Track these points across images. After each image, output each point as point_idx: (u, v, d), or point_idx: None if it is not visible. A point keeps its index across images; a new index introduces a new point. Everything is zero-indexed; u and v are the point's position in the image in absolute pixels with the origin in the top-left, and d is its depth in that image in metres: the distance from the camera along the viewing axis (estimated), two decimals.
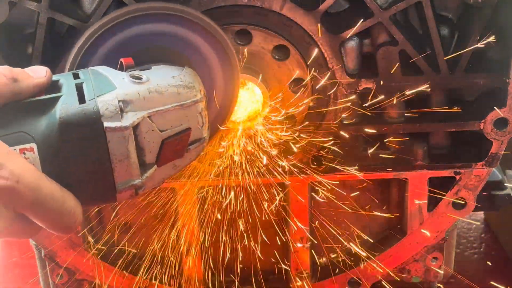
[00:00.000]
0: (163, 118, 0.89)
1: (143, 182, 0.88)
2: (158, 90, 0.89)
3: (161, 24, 1.04)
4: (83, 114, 0.83)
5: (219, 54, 1.07)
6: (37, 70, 0.87)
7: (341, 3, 1.21)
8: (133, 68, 0.95)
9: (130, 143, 0.85)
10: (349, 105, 1.23)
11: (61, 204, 0.81)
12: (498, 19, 1.16)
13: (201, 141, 0.95)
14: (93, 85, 0.86)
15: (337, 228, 1.38)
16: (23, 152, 0.81)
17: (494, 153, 1.25)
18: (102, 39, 1.03)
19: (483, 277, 1.66)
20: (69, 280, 1.36)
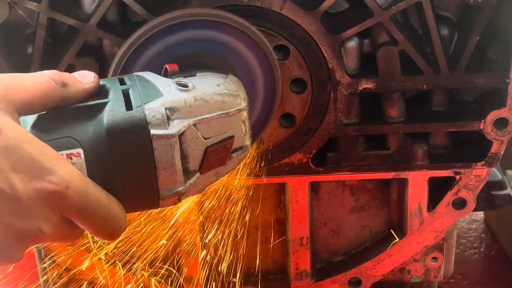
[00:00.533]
0: (208, 126, 0.90)
1: (186, 189, 0.88)
2: (204, 98, 0.90)
3: (207, 31, 1.05)
4: (130, 120, 0.84)
5: (262, 63, 1.08)
6: (85, 75, 0.88)
7: (341, 3, 1.21)
8: (178, 74, 0.95)
9: (175, 150, 0.86)
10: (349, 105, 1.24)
11: (107, 210, 0.82)
12: (498, 19, 1.16)
13: (243, 149, 0.96)
14: (139, 91, 0.87)
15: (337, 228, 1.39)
16: (70, 157, 0.82)
17: (494, 153, 1.25)
18: (146, 44, 1.04)
19: (483, 277, 1.67)
20: (69, 280, 1.36)
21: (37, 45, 1.15)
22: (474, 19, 1.17)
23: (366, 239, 1.40)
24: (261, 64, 1.09)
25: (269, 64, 1.09)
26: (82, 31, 1.15)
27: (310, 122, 1.24)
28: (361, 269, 1.38)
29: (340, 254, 1.40)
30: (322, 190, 1.36)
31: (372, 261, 1.37)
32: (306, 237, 1.35)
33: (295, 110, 1.23)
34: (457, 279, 1.63)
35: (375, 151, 1.29)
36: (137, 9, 1.14)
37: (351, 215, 1.38)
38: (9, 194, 0.75)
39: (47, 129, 0.82)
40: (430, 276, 1.40)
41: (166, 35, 1.04)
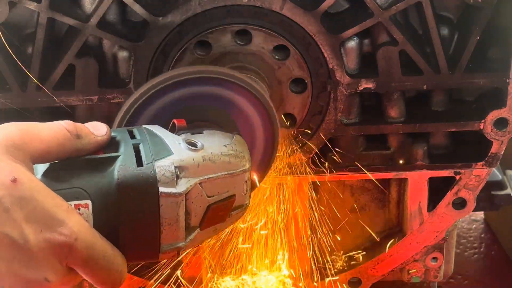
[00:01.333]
0: (212, 185, 0.91)
1: (186, 244, 0.90)
2: (212, 158, 0.92)
3: (212, 88, 1.06)
4: (141, 177, 0.85)
5: (263, 120, 1.10)
6: (98, 127, 0.89)
7: (341, 3, 1.21)
8: (185, 130, 0.97)
9: (181, 208, 0.87)
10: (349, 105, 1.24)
11: (111, 262, 0.84)
12: (498, 19, 1.16)
13: (243, 207, 0.98)
14: (150, 147, 0.88)
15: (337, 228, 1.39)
16: (78, 208, 0.83)
17: (494, 153, 1.25)
18: (152, 99, 1.05)
19: (483, 277, 1.67)
20: None
21: (37, 45, 1.15)
22: (474, 19, 1.17)
23: (366, 239, 1.40)
24: (262, 119, 1.10)
25: (270, 120, 1.10)
26: (82, 31, 1.15)
27: (310, 122, 1.24)
28: (361, 269, 1.38)
29: (340, 254, 1.40)
30: (322, 190, 1.35)
31: (372, 261, 1.37)
32: (306, 237, 1.35)
33: (295, 110, 1.23)
34: (457, 279, 1.63)
35: (375, 151, 1.29)
36: (137, 9, 1.14)
37: (351, 215, 1.38)
38: (21, 244, 0.77)
39: (58, 178, 0.83)
40: (430, 276, 1.40)
41: (172, 90, 1.05)
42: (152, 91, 1.04)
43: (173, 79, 1.04)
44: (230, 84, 1.06)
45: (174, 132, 0.96)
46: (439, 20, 1.19)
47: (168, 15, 1.15)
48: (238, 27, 1.17)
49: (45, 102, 1.17)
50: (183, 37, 1.17)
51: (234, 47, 1.19)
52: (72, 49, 1.16)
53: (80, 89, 1.19)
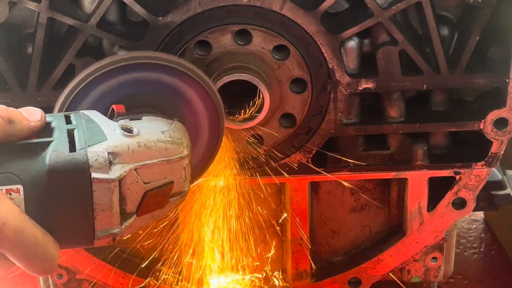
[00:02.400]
0: (149, 171, 0.91)
1: (121, 231, 0.90)
2: (147, 144, 0.91)
3: (155, 73, 1.06)
4: (72, 163, 0.85)
5: (208, 106, 1.09)
6: (32, 112, 0.88)
7: (341, 3, 1.21)
8: (124, 115, 0.97)
9: (114, 194, 0.87)
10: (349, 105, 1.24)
11: (42, 248, 0.83)
12: (498, 19, 1.16)
13: (181, 194, 0.98)
14: (84, 133, 0.88)
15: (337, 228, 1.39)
16: (9, 193, 0.83)
17: (494, 153, 1.25)
18: (93, 85, 1.04)
19: (483, 277, 1.67)
20: (69, 280, 1.36)
21: (37, 45, 1.15)
22: (474, 19, 1.17)
23: (366, 239, 1.40)
24: (207, 106, 1.09)
25: (214, 105, 1.09)
26: (82, 31, 1.15)
27: (310, 122, 1.24)
28: (361, 269, 1.38)
29: (340, 254, 1.40)
30: (322, 190, 1.36)
31: (372, 261, 1.37)
32: (306, 237, 1.35)
33: (295, 110, 1.23)
34: (457, 279, 1.62)
35: (375, 151, 1.29)
36: (137, 9, 1.14)
37: (351, 215, 1.38)
38: None
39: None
40: (430, 276, 1.40)
41: (111, 77, 1.05)
42: (92, 77, 1.03)
43: (113, 64, 1.03)
44: (173, 70, 1.05)
45: (113, 118, 0.96)
46: (439, 20, 1.19)
47: (168, 15, 1.15)
48: (238, 27, 1.17)
49: (45, 102, 1.17)
50: (183, 37, 1.17)
51: (234, 47, 1.19)
52: (72, 49, 1.16)
53: None
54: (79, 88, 1.03)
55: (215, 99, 1.09)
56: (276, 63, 1.20)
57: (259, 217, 1.33)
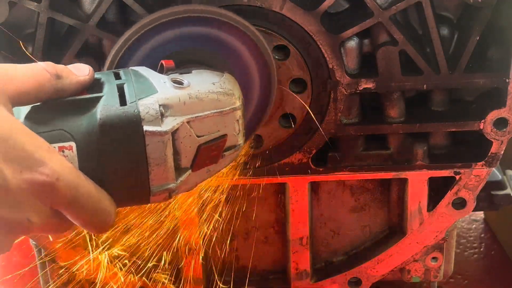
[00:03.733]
0: (201, 123, 0.90)
1: (177, 186, 0.89)
2: (199, 96, 0.90)
3: (204, 28, 1.05)
4: (124, 116, 0.83)
5: (258, 60, 1.09)
6: (80, 67, 0.87)
7: (341, 3, 1.21)
8: (174, 70, 0.95)
9: (168, 147, 0.86)
10: (349, 105, 1.24)
11: (97, 203, 0.82)
12: (498, 19, 1.16)
13: (236, 148, 0.96)
14: (134, 87, 0.87)
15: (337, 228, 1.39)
16: (62, 150, 0.81)
17: (494, 153, 1.25)
18: (142, 39, 1.03)
19: (483, 277, 1.67)
20: (69, 280, 1.36)
21: (37, 45, 1.15)
22: (474, 19, 1.17)
23: (366, 239, 1.40)
24: (258, 62, 1.09)
25: (265, 62, 1.09)
26: (82, 31, 1.15)
27: (310, 122, 1.24)
28: (361, 269, 1.38)
29: (340, 254, 1.40)
30: (322, 190, 1.36)
31: (372, 261, 1.37)
32: (306, 237, 1.35)
33: (295, 110, 1.23)
34: (457, 279, 1.62)
35: (375, 151, 1.29)
36: (137, 9, 1.14)
37: (351, 215, 1.38)
38: (0, 184, 0.75)
39: (40, 121, 0.82)
40: (430, 276, 1.40)
41: (162, 31, 1.04)
42: (140, 33, 1.02)
43: (161, 19, 1.02)
44: (220, 23, 1.04)
45: (162, 73, 0.95)
46: (439, 20, 1.19)
47: None
48: None
49: None
50: None
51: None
52: (72, 49, 1.16)
53: None
54: (127, 46, 1.02)
55: (266, 55, 1.07)
56: (276, 63, 1.20)
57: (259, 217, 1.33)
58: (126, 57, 1.04)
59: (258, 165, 1.26)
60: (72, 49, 1.16)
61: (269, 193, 1.34)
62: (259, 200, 1.32)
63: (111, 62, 1.03)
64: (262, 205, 1.34)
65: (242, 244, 1.38)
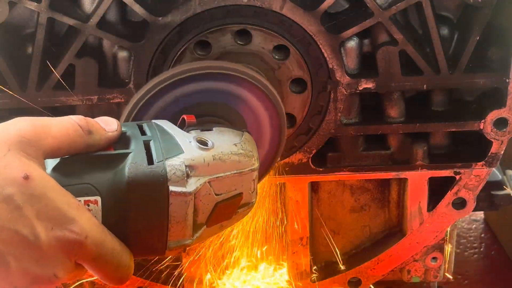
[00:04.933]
0: (221, 183, 0.92)
1: (192, 241, 0.91)
2: (222, 158, 0.92)
3: (221, 83, 1.07)
4: (151, 175, 0.85)
5: (271, 117, 1.11)
6: (109, 122, 0.89)
7: (341, 3, 1.21)
8: (195, 126, 0.97)
9: (190, 207, 0.88)
10: (349, 105, 1.24)
11: (119, 259, 0.84)
12: (498, 19, 1.16)
13: (249, 205, 0.98)
14: (160, 145, 0.88)
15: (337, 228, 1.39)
16: (87, 204, 0.83)
17: (494, 153, 1.25)
18: (157, 96, 1.05)
19: (483, 277, 1.67)
20: None
21: (37, 45, 1.15)
22: (474, 19, 1.17)
23: (366, 239, 1.40)
24: (269, 113, 1.10)
25: (277, 113, 1.10)
26: (82, 31, 1.15)
27: (310, 122, 1.24)
28: (361, 269, 1.38)
29: (340, 254, 1.40)
30: (322, 190, 1.36)
31: (372, 261, 1.37)
32: (306, 237, 1.35)
33: (295, 110, 1.23)
34: (457, 279, 1.63)
35: (375, 151, 1.29)
36: (137, 9, 1.14)
37: (351, 215, 1.38)
38: (31, 242, 0.77)
39: (68, 174, 0.83)
40: (430, 276, 1.40)
41: (180, 85, 1.06)
42: (160, 87, 1.04)
43: (180, 75, 1.04)
44: (238, 79, 1.06)
45: (183, 128, 0.96)
46: (439, 20, 1.19)
47: (168, 15, 1.15)
48: (238, 27, 1.17)
49: (45, 102, 1.17)
50: (183, 37, 1.17)
51: (234, 47, 1.19)
52: (72, 49, 1.16)
53: (80, 89, 1.19)
54: (147, 97, 1.04)
55: (278, 108, 1.09)
56: (276, 63, 1.20)
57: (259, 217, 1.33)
58: (144, 109, 1.05)
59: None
60: (72, 49, 1.16)
61: (269, 193, 1.34)
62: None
63: (129, 114, 1.04)
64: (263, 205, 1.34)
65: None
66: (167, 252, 0.90)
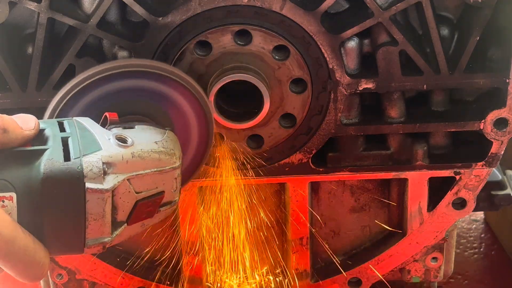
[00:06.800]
0: (141, 181, 0.92)
1: (112, 239, 0.91)
2: (141, 155, 0.92)
3: (146, 81, 1.07)
4: (67, 172, 0.85)
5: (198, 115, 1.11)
6: (26, 120, 0.88)
7: (341, 3, 1.21)
8: (117, 124, 0.97)
9: (107, 204, 0.88)
10: (349, 105, 1.24)
11: (32, 257, 0.83)
12: (498, 19, 1.16)
13: (171, 204, 0.99)
14: (79, 141, 0.88)
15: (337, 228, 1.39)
16: (1, 200, 0.83)
17: (494, 153, 1.25)
18: (85, 91, 1.05)
19: (483, 277, 1.67)
20: (69, 280, 1.36)
21: (37, 45, 1.15)
22: (474, 19, 1.17)
23: (366, 239, 1.40)
24: (197, 114, 1.11)
25: (205, 115, 1.11)
26: (82, 31, 1.15)
27: (310, 122, 1.24)
28: (361, 269, 1.38)
29: (340, 254, 1.40)
30: (322, 190, 1.36)
31: (372, 261, 1.37)
32: (306, 237, 1.35)
33: (295, 110, 1.23)
34: (457, 279, 1.63)
35: (375, 151, 1.29)
36: (137, 9, 1.14)
37: (351, 215, 1.38)
38: None
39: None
40: (430, 276, 1.40)
41: (105, 83, 1.05)
42: (84, 83, 1.04)
43: (104, 72, 1.04)
44: (163, 78, 1.06)
45: (105, 125, 0.96)
46: (439, 20, 1.19)
47: (168, 15, 1.15)
48: (238, 27, 1.17)
49: (45, 102, 1.17)
50: (183, 37, 1.17)
51: (234, 47, 1.19)
52: (72, 49, 1.16)
53: None
54: (72, 94, 1.04)
55: (205, 106, 1.10)
56: (276, 63, 1.20)
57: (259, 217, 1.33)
58: (68, 106, 1.05)
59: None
60: (72, 49, 1.16)
61: (269, 193, 1.34)
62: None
63: (53, 110, 1.04)
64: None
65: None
66: (86, 250, 0.89)
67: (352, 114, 1.25)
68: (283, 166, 1.28)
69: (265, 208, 1.33)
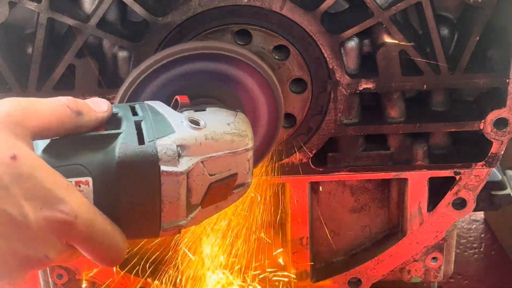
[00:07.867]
0: (214, 163, 0.91)
1: (187, 222, 0.90)
2: (214, 137, 0.91)
3: (216, 64, 1.07)
4: (142, 155, 0.85)
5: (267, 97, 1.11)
6: (99, 103, 0.88)
7: (341, 3, 1.21)
8: (188, 107, 0.96)
9: (182, 187, 0.87)
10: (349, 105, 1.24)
11: (110, 240, 0.83)
12: (498, 19, 1.16)
13: (244, 186, 0.98)
14: (152, 125, 0.88)
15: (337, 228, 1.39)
16: (78, 185, 0.82)
17: (494, 153, 1.25)
18: (155, 74, 1.05)
19: (483, 277, 1.67)
20: (69, 280, 1.36)
21: (37, 45, 1.15)
22: (474, 19, 1.17)
23: (366, 239, 1.40)
24: (265, 96, 1.11)
25: (273, 97, 1.11)
26: (82, 31, 1.15)
27: (310, 122, 1.24)
28: (361, 269, 1.38)
29: (340, 254, 1.40)
30: (322, 190, 1.35)
31: (372, 261, 1.37)
32: (306, 237, 1.35)
33: (295, 110, 1.23)
34: (457, 279, 1.63)
35: (375, 151, 1.29)
36: (137, 9, 1.14)
37: (351, 215, 1.38)
38: (20, 222, 0.76)
39: (58, 155, 0.83)
40: (430, 276, 1.40)
41: (176, 66, 1.05)
42: (155, 67, 1.04)
43: (175, 55, 1.04)
44: (233, 60, 1.06)
45: (176, 109, 0.96)
46: (439, 20, 1.19)
47: (168, 15, 1.15)
48: (238, 27, 1.17)
49: None
50: (183, 37, 1.17)
51: None
52: (72, 49, 1.16)
53: (80, 89, 1.19)
54: (142, 78, 1.04)
55: (274, 87, 1.09)
56: (276, 63, 1.20)
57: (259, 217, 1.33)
58: (139, 89, 1.05)
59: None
60: (72, 49, 1.16)
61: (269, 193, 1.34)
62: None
63: (124, 92, 1.04)
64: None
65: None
66: (161, 233, 0.89)
67: (352, 114, 1.25)
68: (283, 166, 1.27)
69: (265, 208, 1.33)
